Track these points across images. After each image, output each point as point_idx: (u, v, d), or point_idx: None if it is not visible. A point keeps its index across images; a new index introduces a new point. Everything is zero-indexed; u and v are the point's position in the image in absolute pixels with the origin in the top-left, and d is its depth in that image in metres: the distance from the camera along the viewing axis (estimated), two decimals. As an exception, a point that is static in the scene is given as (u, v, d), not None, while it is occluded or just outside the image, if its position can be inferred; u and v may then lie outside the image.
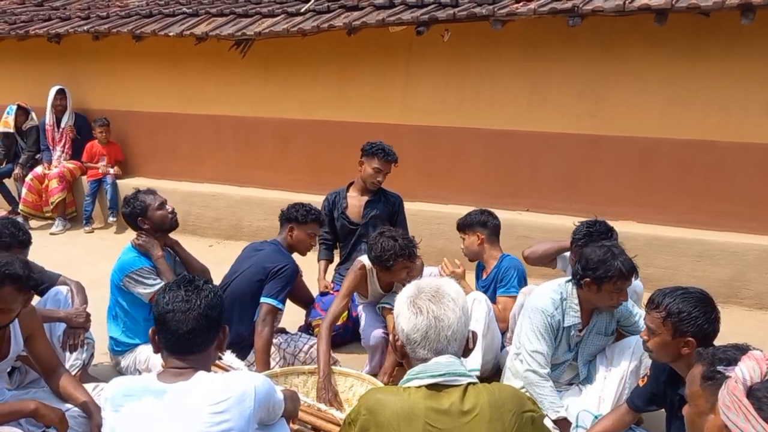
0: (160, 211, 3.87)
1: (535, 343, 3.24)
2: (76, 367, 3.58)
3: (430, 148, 6.30)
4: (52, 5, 8.66)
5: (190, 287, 2.09)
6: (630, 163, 5.60)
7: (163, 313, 2.05)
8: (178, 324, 2.02)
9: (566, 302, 3.29)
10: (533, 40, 5.72)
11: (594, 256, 3.15)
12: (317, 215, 4.03)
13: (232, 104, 7.17)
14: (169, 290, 2.10)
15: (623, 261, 3.11)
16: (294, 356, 3.88)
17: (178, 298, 2.05)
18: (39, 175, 7.57)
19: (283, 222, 4.04)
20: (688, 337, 2.51)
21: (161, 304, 2.07)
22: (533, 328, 3.26)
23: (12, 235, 3.38)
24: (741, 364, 1.78)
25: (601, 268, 3.10)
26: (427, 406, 1.79)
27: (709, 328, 2.52)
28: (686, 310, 2.52)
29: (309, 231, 3.99)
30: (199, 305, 2.04)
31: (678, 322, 2.52)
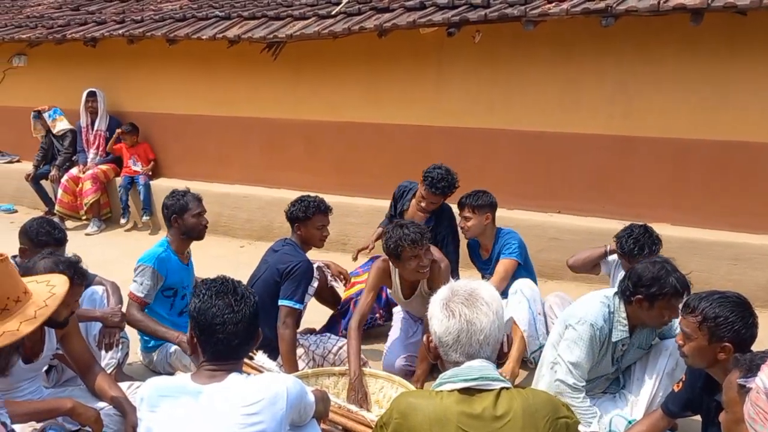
0: (194, 219, 3.95)
1: (576, 354, 3.15)
2: (111, 366, 3.64)
3: (461, 149, 6.27)
4: (88, 9, 8.81)
5: (234, 295, 2.08)
6: (664, 165, 5.51)
7: (211, 323, 2.03)
8: (228, 333, 2.02)
9: (614, 316, 3.19)
10: (565, 40, 5.66)
11: (647, 273, 3.05)
12: (317, 206, 3.96)
13: (263, 106, 7.22)
14: (207, 297, 2.08)
15: (677, 278, 3.02)
16: (323, 358, 3.90)
17: (227, 310, 2.04)
18: (74, 176, 7.72)
19: (289, 222, 4.02)
20: (724, 342, 2.45)
21: (208, 314, 2.04)
22: (577, 339, 3.16)
23: (48, 234, 3.46)
24: (761, 374, 1.76)
25: (655, 285, 3.01)
26: (460, 410, 1.78)
27: (746, 333, 2.46)
28: (723, 315, 2.46)
29: (317, 224, 3.97)
30: (246, 315, 2.05)
31: (714, 327, 2.47)
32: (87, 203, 7.54)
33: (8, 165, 8.99)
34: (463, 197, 4.36)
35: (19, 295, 2.07)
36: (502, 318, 1.95)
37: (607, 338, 3.19)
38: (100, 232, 7.49)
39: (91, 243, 7.07)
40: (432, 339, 1.96)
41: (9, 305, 2.02)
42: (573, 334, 3.19)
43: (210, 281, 2.16)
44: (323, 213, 3.99)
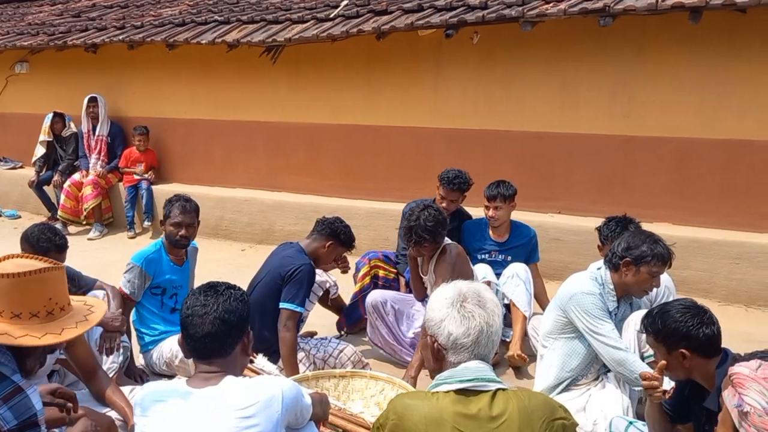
0: (171, 228, 3.96)
1: (601, 324, 3.27)
2: (112, 371, 3.64)
3: (461, 151, 6.27)
4: (89, 16, 8.85)
5: (210, 292, 2.11)
6: (665, 164, 5.50)
7: (184, 318, 2.09)
8: (196, 328, 2.05)
9: (603, 288, 3.37)
10: (564, 40, 5.67)
11: (636, 239, 3.27)
12: (354, 244, 4.07)
13: (263, 110, 7.24)
14: (192, 295, 2.13)
15: (663, 246, 3.26)
16: (324, 361, 3.89)
17: (197, 303, 2.08)
18: (77, 181, 7.74)
19: (323, 232, 3.98)
20: (680, 350, 2.48)
21: (184, 309, 2.11)
22: (590, 311, 3.29)
23: (49, 240, 3.46)
24: (746, 397, 1.80)
25: (642, 246, 3.22)
26: (456, 411, 1.78)
27: (699, 334, 2.46)
28: (667, 325, 2.51)
29: (341, 252, 4.03)
30: (215, 309, 2.06)
31: (665, 339, 2.52)
32: (87, 208, 7.55)
33: (12, 171, 9.02)
34: (492, 189, 4.65)
35: (64, 305, 2.19)
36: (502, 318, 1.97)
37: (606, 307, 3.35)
38: (102, 236, 7.50)
39: (94, 247, 7.09)
40: (439, 341, 1.92)
41: (55, 311, 2.14)
42: (578, 311, 3.31)
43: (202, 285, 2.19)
44: (350, 249, 4.07)
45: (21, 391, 1.96)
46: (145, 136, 7.71)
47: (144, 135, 7.69)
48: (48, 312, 2.10)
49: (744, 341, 3.76)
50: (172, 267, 4.05)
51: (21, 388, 1.97)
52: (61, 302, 2.17)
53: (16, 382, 1.97)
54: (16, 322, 2.04)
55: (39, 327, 2.07)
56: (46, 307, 2.10)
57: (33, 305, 2.07)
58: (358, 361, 3.95)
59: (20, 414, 1.93)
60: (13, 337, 1.99)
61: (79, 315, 2.23)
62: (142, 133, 7.68)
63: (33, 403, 1.96)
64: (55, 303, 2.13)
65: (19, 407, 1.94)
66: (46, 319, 2.09)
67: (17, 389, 1.96)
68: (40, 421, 1.97)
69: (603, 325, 3.27)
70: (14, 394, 1.94)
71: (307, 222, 6.29)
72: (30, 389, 1.98)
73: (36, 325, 2.06)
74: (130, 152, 7.77)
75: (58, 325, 2.11)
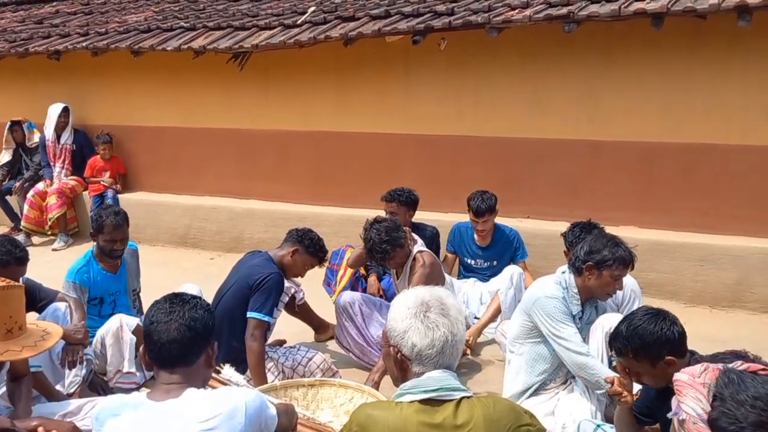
0: (105, 244, 4.08)
1: (563, 328, 3.28)
2: (75, 384, 3.59)
3: (431, 156, 6.28)
4: (52, 23, 8.69)
5: (175, 300, 2.09)
6: (630, 168, 5.56)
7: (147, 325, 2.06)
8: (160, 334, 2.01)
9: (567, 291, 3.38)
10: (530, 46, 5.71)
11: (597, 243, 3.30)
12: (324, 255, 4.07)
13: (231, 117, 7.17)
14: (155, 304, 2.10)
15: (625, 249, 3.28)
16: (293, 369, 3.86)
17: (161, 310, 2.05)
18: (40, 191, 7.59)
19: (290, 240, 3.99)
20: (666, 357, 2.47)
21: (147, 318, 2.07)
22: (553, 315, 3.31)
23: (9, 252, 3.38)
24: (683, 405, 1.84)
25: (604, 251, 3.24)
26: (420, 420, 1.76)
27: (673, 336, 2.47)
28: (646, 337, 2.48)
29: (309, 263, 4.01)
30: (181, 316, 2.03)
31: (648, 352, 2.49)
32: (52, 218, 7.40)
33: (-28, 181, 8.82)
34: (477, 203, 4.85)
35: (22, 324, 2.22)
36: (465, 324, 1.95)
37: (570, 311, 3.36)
38: (67, 246, 7.36)
39: (59, 258, 6.94)
40: (403, 352, 1.88)
41: (14, 330, 2.17)
42: (543, 315, 3.33)
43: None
44: (319, 262, 4.09)
45: None
46: (109, 144, 7.59)
47: (107, 143, 7.58)
48: (7, 330, 2.08)
49: (708, 342, 3.81)
50: (105, 276, 4.14)
51: None
52: (20, 321, 2.17)
53: None
54: None
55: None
56: (6, 324, 2.09)
57: None
58: (328, 368, 3.93)
59: None
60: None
61: (35, 335, 2.23)
62: (105, 141, 7.57)
63: None
64: (14, 321, 2.14)
65: None
66: (5, 337, 2.08)
67: None
68: None
69: (565, 328, 3.29)
70: None
71: (277, 229, 6.25)
72: None
73: None
74: (95, 161, 7.64)
75: (16, 343, 2.09)
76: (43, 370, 3.42)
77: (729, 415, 1.86)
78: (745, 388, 1.88)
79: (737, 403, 1.87)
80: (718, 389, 1.94)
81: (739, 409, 1.85)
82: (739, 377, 1.93)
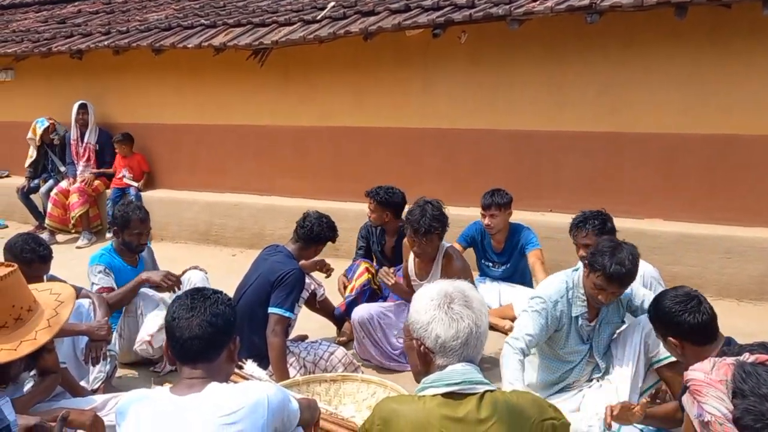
0: (131, 238, 4.18)
1: (525, 323, 3.24)
2: (99, 380, 3.61)
3: (450, 151, 6.25)
4: (74, 22, 8.79)
5: (196, 296, 2.08)
6: (654, 161, 5.49)
7: (169, 321, 2.05)
8: (182, 330, 2.01)
9: (572, 291, 3.30)
10: (551, 38, 5.65)
11: (602, 245, 3.17)
12: (333, 234, 4.08)
13: (251, 113, 7.20)
14: (177, 299, 2.09)
15: (615, 261, 3.03)
16: (314, 364, 3.86)
17: (183, 306, 2.05)
18: (64, 189, 7.67)
19: (309, 240, 3.97)
20: (669, 338, 2.67)
21: (169, 313, 2.07)
22: (528, 309, 3.28)
23: (32, 251, 3.41)
24: (705, 405, 1.82)
25: (596, 255, 3.12)
26: (442, 414, 1.74)
27: (681, 320, 2.60)
28: (656, 312, 2.69)
29: (321, 248, 4.10)
30: (203, 312, 2.02)
31: (656, 326, 2.68)
32: (74, 216, 7.49)
33: (-2, 180, 8.96)
34: (487, 198, 4.74)
35: (30, 305, 2.11)
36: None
37: (563, 314, 3.27)
38: (91, 244, 7.42)
39: (82, 255, 6.97)
40: (426, 345, 1.86)
41: (22, 314, 2.06)
42: (528, 306, 3.30)
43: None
44: (333, 240, 4.12)
45: None
46: (122, 142, 7.64)
47: (120, 142, 7.64)
48: (16, 319, 2.03)
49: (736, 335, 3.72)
50: (125, 269, 4.19)
51: None
52: (26, 304, 2.09)
53: None
54: None
55: (11, 337, 2.00)
56: (12, 314, 2.03)
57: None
58: (350, 363, 3.92)
59: None
60: None
61: (49, 310, 2.15)
62: (117, 140, 7.65)
63: (5, 415, 1.91)
64: (20, 308, 2.06)
65: None
66: (16, 326, 2.03)
67: None
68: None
69: (526, 324, 3.22)
70: None
71: (297, 225, 6.25)
72: (2, 400, 1.93)
73: (7, 337, 2.00)
74: (118, 159, 7.74)
75: (29, 328, 2.04)
76: (68, 366, 3.46)
77: (753, 412, 1.82)
78: (765, 381, 1.85)
79: (760, 398, 1.83)
80: (737, 385, 1.90)
81: (764, 404, 1.81)
82: (755, 371, 1.90)
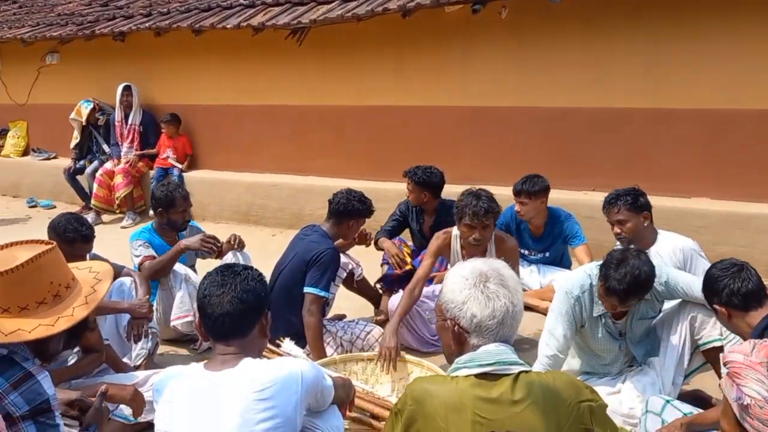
0: (177, 216, 4.27)
1: (551, 322, 3.14)
2: (141, 356, 3.67)
3: (490, 129, 6.16)
4: (117, 5, 8.89)
5: (226, 272, 2.08)
6: (701, 137, 5.32)
7: (200, 298, 2.06)
8: (213, 307, 2.02)
9: (594, 288, 3.11)
10: (595, 12, 5.50)
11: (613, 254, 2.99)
12: (373, 209, 4.06)
13: (290, 93, 7.20)
14: (208, 276, 2.10)
15: (616, 277, 2.88)
16: (351, 343, 3.87)
17: (214, 283, 2.05)
18: (108, 170, 7.82)
19: (341, 216, 3.96)
20: (714, 305, 2.70)
21: (200, 290, 2.08)
22: (553, 308, 3.18)
23: (75, 230, 3.47)
24: (745, 388, 1.80)
25: (604, 263, 2.98)
26: (476, 395, 1.70)
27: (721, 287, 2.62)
28: (704, 282, 2.75)
29: (361, 224, 4.08)
30: (233, 288, 2.03)
31: (705, 296, 2.75)
32: (119, 197, 7.65)
33: (46, 162, 9.18)
34: (518, 185, 4.57)
35: (68, 282, 2.14)
36: None
37: (588, 311, 3.13)
38: (135, 224, 7.55)
39: (126, 235, 7.07)
40: (460, 324, 1.82)
41: (60, 292, 2.09)
42: (554, 306, 3.19)
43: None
44: (369, 216, 4.08)
45: (31, 377, 1.95)
46: (169, 123, 7.74)
47: (167, 122, 7.73)
48: (54, 295, 2.07)
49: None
50: (165, 249, 4.19)
51: (31, 373, 1.95)
52: (65, 281, 2.12)
53: (26, 369, 1.96)
54: (26, 315, 2.01)
55: (49, 313, 2.04)
56: (50, 291, 2.06)
57: (37, 295, 2.04)
58: (387, 342, 3.91)
59: (31, 400, 1.93)
60: (26, 331, 1.97)
61: (87, 288, 2.18)
62: (164, 120, 7.76)
63: (44, 389, 1.95)
64: (58, 285, 2.09)
65: (29, 393, 1.93)
66: (54, 302, 2.06)
67: (27, 375, 1.94)
68: (53, 407, 1.97)
69: (552, 324, 3.12)
70: (24, 380, 1.93)
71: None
72: (41, 375, 1.97)
73: (45, 313, 2.04)
74: (162, 139, 7.85)
75: (67, 305, 2.08)
76: (111, 343, 3.53)
77: None
78: None
79: None
80: None
81: None
82: None
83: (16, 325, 1.98)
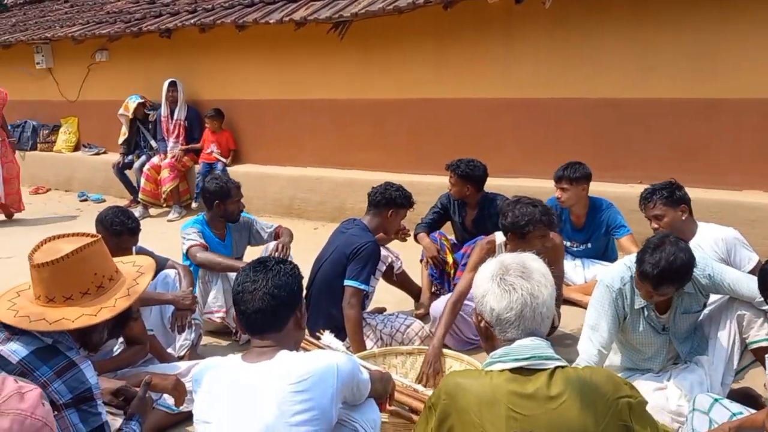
0: (234, 206, 4.30)
1: (593, 317, 3.04)
2: (185, 347, 3.74)
3: (533, 121, 6.08)
4: (163, 2, 9.04)
5: (258, 267, 2.09)
6: (753, 128, 5.15)
7: (235, 294, 2.08)
8: (246, 304, 2.04)
9: (634, 281, 3.01)
10: (641, 0, 5.36)
11: (651, 240, 2.92)
12: (413, 200, 4.04)
13: (331, 87, 7.22)
14: (242, 272, 2.12)
15: (651, 261, 2.80)
16: (391, 337, 3.87)
17: (246, 279, 2.07)
18: (155, 165, 7.97)
19: (380, 205, 3.96)
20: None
21: (234, 286, 2.10)
22: (593, 303, 3.08)
23: (122, 223, 3.53)
24: None
25: (642, 249, 2.92)
26: (510, 390, 1.68)
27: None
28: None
29: (403, 216, 4.02)
30: (265, 285, 2.04)
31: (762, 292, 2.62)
32: (165, 191, 7.80)
33: (96, 156, 9.42)
34: (559, 171, 4.50)
35: (112, 274, 2.20)
36: (555, 289, 1.85)
37: (629, 303, 3.04)
38: (181, 218, 7.70)
39: (172, 228, 7.27)
40: (484, 318, 1.83)
41: (104, 283, 2.15)
42: (594, 300, 3.09)
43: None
44: (409, 207, 4.06)
45: (74, 366, 1.99)
46: (213, 118, 7.82)
47: (211, 117, 7.81)
48: (98, 286, 2.11)
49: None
50: (215, 241, 4.24)
51: (74, 362, 2.00)
52: (108, 273, 2.17)
53: (69, 357, 2.00)
54: (70, 304, 2.06)
55: (92, 303, 2.08)
56: (94, 282, 2.11)
57: (81, 285, 2.09)
58: (426, 336, 3.91)
59: (74, 388, 1.97)
60: (70, 320, 2.02)
61: (129, 280, 2.23)
62: (209, 116, 7.84)
63: (87, 378, 2.00)
64: (102, 276, 2.13)
65: (72, 381, 1.97)
66: (98, 293, 2.11)
67: (70, 364, 1.99)
68: (95, 396, 2.01)
69: (594, 319, 3.02)
70: (67, 368, 1.98)
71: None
72: (83, 364, 2.02)
73: (89, 302, 2.08)
74: (206, 134, 7.96)
75: (109, 296, 2.12)
76: (156, 334, 3.62)
77: None
78: None
79: None
80: None
81: None
82: None
83: (60, 314, 2.03)
